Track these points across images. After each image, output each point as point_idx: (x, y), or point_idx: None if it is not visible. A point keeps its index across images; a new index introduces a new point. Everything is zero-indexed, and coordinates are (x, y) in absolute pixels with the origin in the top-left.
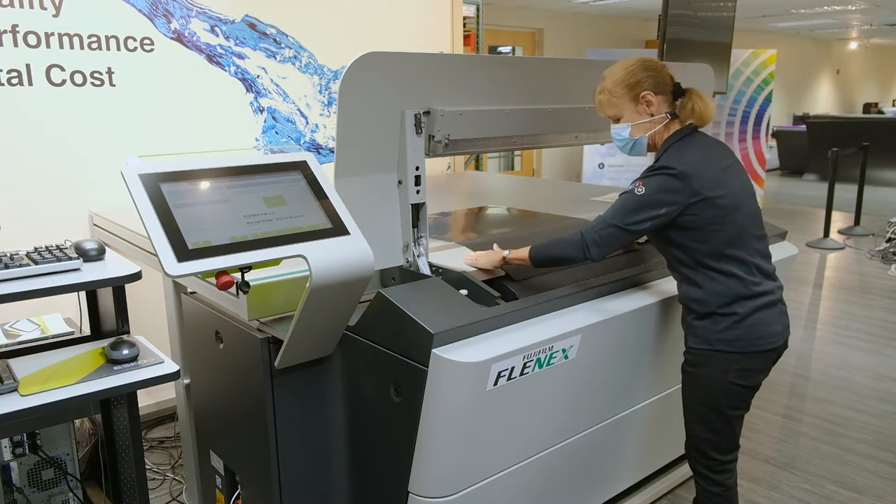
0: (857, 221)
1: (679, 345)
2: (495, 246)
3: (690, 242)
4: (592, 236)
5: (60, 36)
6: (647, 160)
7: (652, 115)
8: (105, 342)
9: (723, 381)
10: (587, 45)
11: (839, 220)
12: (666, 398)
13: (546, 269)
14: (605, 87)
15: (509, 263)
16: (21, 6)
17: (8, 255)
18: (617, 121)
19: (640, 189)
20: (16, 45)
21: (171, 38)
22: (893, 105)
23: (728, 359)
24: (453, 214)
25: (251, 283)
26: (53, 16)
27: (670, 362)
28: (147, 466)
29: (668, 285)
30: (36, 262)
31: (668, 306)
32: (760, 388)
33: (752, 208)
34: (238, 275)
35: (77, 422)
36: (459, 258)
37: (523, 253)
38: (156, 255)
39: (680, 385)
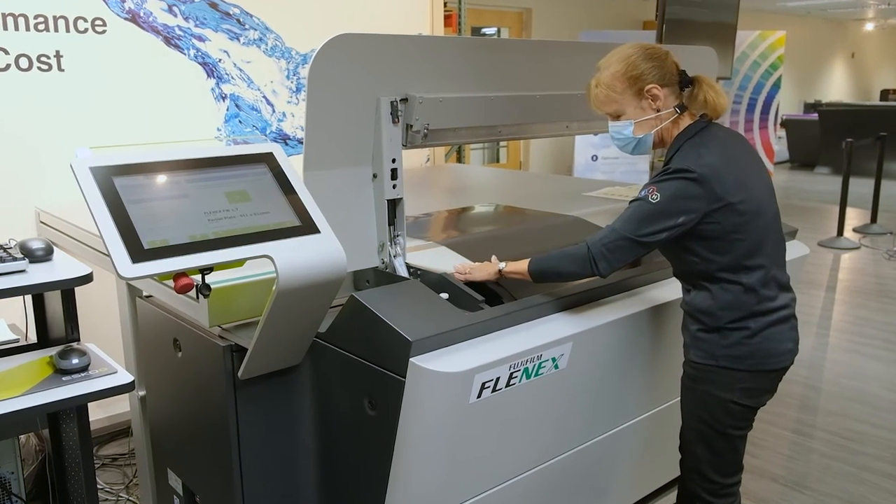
0: (873, 219)
1: (679, 355)
2: (493, 258)
3: (708, 253)
4: (600, 249)
5: (4, 16)
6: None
7: (658, 111)
8: (53, 350)
9: (725, 400)
10: (580, 27)
11: (854, 217)
12: (663, 413)
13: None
14: (602, 81)
15: (505, 277)
16: None
17: None
18: (616, 118)
19: (654, 196)
20: None
21: (125, 19)
22: None
23: (733, 377)
24: (434, 213)
25: (212, 286)
26: None
27: (669, 374)
28: (99, 486)
29: (668, 289)
30: None
31: (667, 312)
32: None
33: (773, 211)
34: (198, 277)
35: (22, 437)
36: (440, 259)
37: (521, 266)
38: (108, 255)
39: (679, 399)
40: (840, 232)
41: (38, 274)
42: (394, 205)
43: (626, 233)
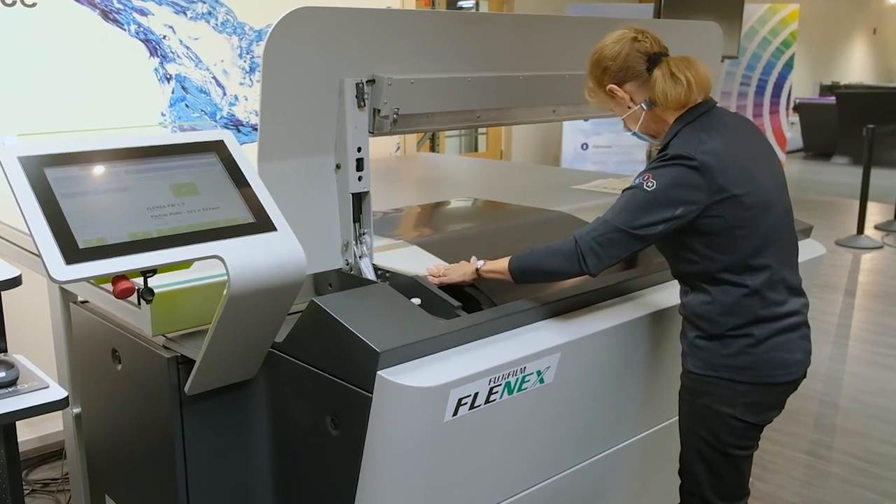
0: None
1: (679, 367)
2: (473, 258)
3: (709, 251)
4: (589, 243)
5: None
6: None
7: (629, 108)
8: None
9: (726, 416)
10: None
11: (876, 212)
12: (662, 433)
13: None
14: (587, 78)
15: (484, 278)
16: None
17: None
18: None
19: (649, 183)
20: None
21: None
22: None
23: (735, 390)
24: (405, 209)
25: (156, 291)
26: None
27: (669, 389)
28: None
29: (669, 293)
30: None
31: (668, 319)
32: (780, 417)
33: (784, 205)
34: (140, 280)
35: None
36: (411, 260)
37: (501, 265)
38: (39, 255)
39: (678, 417)
40: (860, 229)
41: None
42: (359, 199)
43: (618, 224)
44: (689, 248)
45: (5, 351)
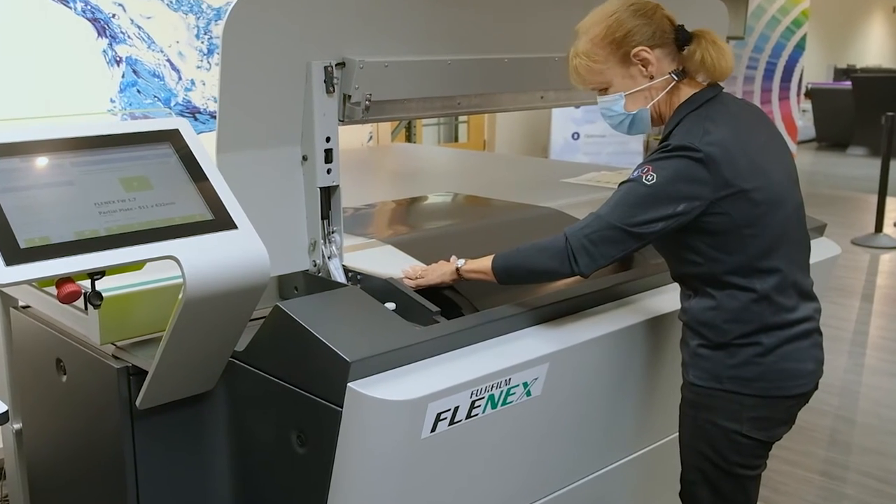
0: None
1: (680, 379)
2: (452, 258)
3: (714, 252)
4: (581, 241)
5: None
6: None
7: (652, 79)
8: None
9: (731, 432)
10: None
11: None
12: (661, 451)
13: (514, 285)
14: (581, 50)
15: (464, 278)
16: None
17: None
18: (604, 91)
19: (648, 177)
20: None
21: None
22: None
23: (741, 403)
24: (378, 205)
25: (104, 295)
26: None
27: (669, 402)
28: None
29: (669, 297)
30: None
31: (665, 326)
32: (792, 434)
33: (795, 202)
34: (87, 283)
35: None
36: (385, 260)
37: (484, 264)
38: None
39: (678, 433)
40: (879, 227)
41: None
42: (328, 194)
43: (613, 220)
44: (692, 248)
45: None
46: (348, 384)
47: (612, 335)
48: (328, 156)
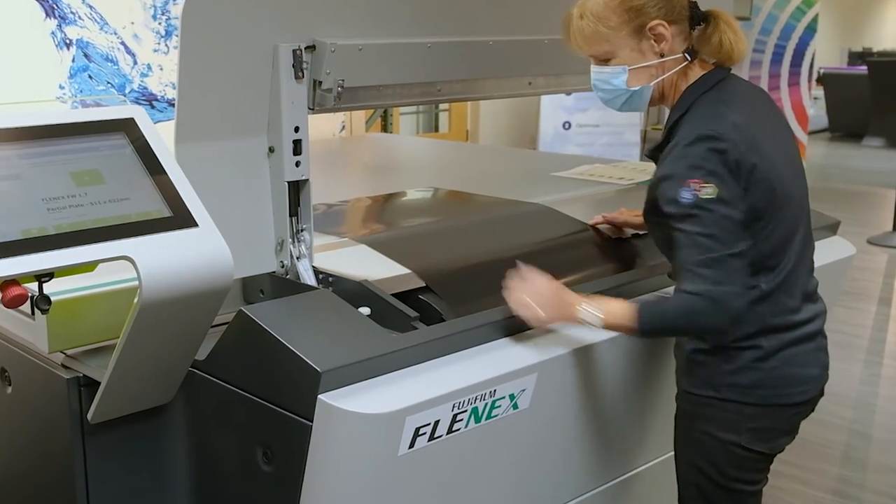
0: None
1: (674, 388)
2: (547, 280)
3: None
4: (726, 294)
5: None
6: (632, 113)
7: (662, 56)
8: None
9: (730, 444)
10: None
11: None
12: (660, 468)
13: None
14: (591, 10)
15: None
16: None
17: None
18: (605, 62)
19: (707, 191)
20: None
21: None
22: None
23: (740, 413)
24: (352, 201)
25: (53, 299)
26: None
27: (666, 416)
28: None
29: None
30: None
31: None
32: (802, 450)
33: (802, 193)
34: (34, 286)
35: None
36: (359, 261)
37: (622, 313)
38: None
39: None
40: None
41: None
42: (297, 189)
43: (723, 250)
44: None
45: None
46: (319, 396)
47: (606, 343)
48: (297, 147)
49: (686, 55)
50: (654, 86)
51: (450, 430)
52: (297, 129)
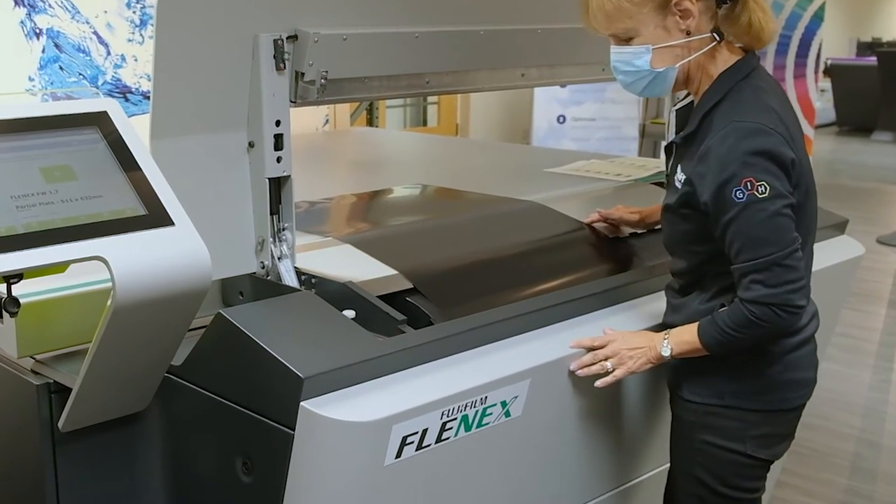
0: None
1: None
2: (651, 336)
3: None
4: (783, 295)
5: None
6: (631, 106)
7: (688, 34)
8: None
9: (734, 453)
10: None
11: None
12: (657, 479)
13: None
14: None
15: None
16: None
17: None
18: (626, 41)
19: (760, 189)
20: None
21: None
22: None
23: (745, 420)
24: (336, 198)
25: (22, 301)
26: None
27: (667, 423)
28: None
29: (665, 303)
30: None
31: None
32: (808, 460)
33: (815, 190)
34: (2, 287)
35: None
36: (344, 261)
37: (685, 336)
38: None
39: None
40: None
41: None
42: (278, 185)
43: (779, 252)
44: (722, 238)
45: None
46: (301, 403)
47: None
48: (278, 142)
49: (715, 35)
50: (679, 68)
51: (438, 440)
52: (278, 123)
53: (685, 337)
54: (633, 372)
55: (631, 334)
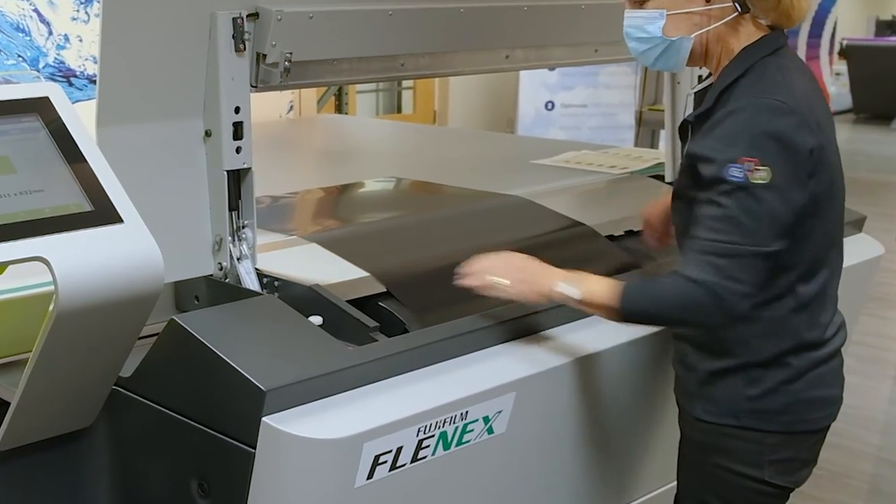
0: None
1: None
2: (552, 271)
3: None
4: (733, 291)
5: None
6: (626, 91)
7: (708, 2)
8: None
9: (751, 479)
10: None
11: None
12: (659, 501)
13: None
14: None
15: (582, 304)
16: None
17: None
18: (640, 4)
19: (761, 174)
20: None
21: None
22: None
23: (761, 443)
24: (301, 193)
25: None
26: None
27: (663, 443)
28: None
29: None
30: None
31: (664, 344)
32: (823, 480)
33: (842, 187)
34: None
35: None
36: (310, 262)
37: (603, 291)
38: None
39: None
40: None
41: None
42: (237, 179)
43: (750, 245)
44: (699, 210)
45: None
46: (263, 419)
47: (594, 357)
48: (237, 130)
49: (736, 5)
50: (697, 38)
51: (414, 459)
52: (237, 110)
53: (595, 288)
54: (513, 297)
55: (516, 257)
